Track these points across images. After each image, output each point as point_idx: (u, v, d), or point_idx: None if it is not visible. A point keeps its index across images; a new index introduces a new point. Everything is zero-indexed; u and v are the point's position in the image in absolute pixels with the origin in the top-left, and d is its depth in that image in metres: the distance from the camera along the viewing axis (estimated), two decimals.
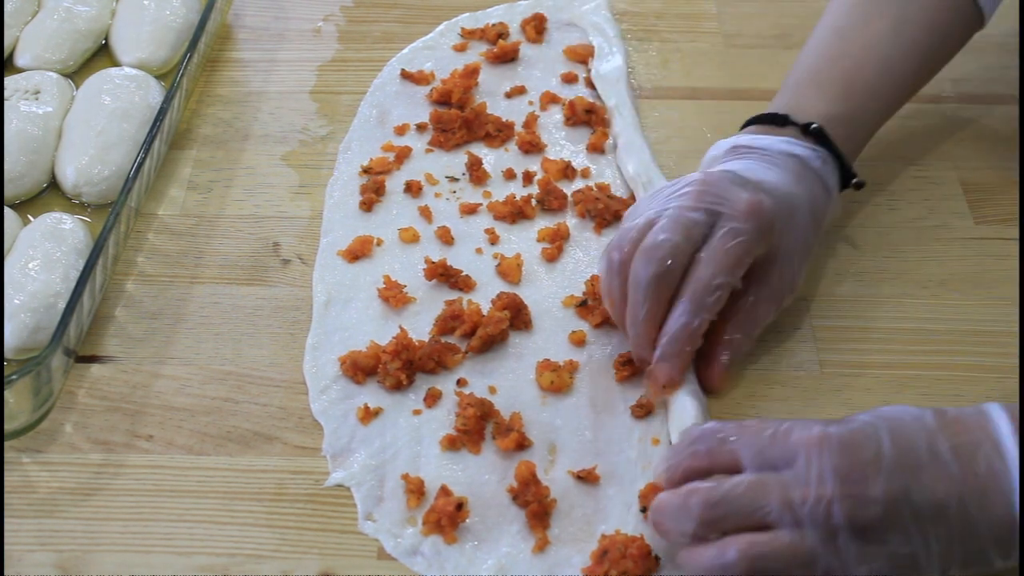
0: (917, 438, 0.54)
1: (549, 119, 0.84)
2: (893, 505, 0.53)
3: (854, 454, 0.54)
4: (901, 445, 0.54)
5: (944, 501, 0.53)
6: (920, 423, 0.55)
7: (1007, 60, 0.88)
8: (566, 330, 0.71)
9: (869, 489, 0.53)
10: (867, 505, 0.53)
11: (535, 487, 0.62)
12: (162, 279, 0.75)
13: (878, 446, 0.54)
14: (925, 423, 0.55)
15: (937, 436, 0.54)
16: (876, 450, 0.54)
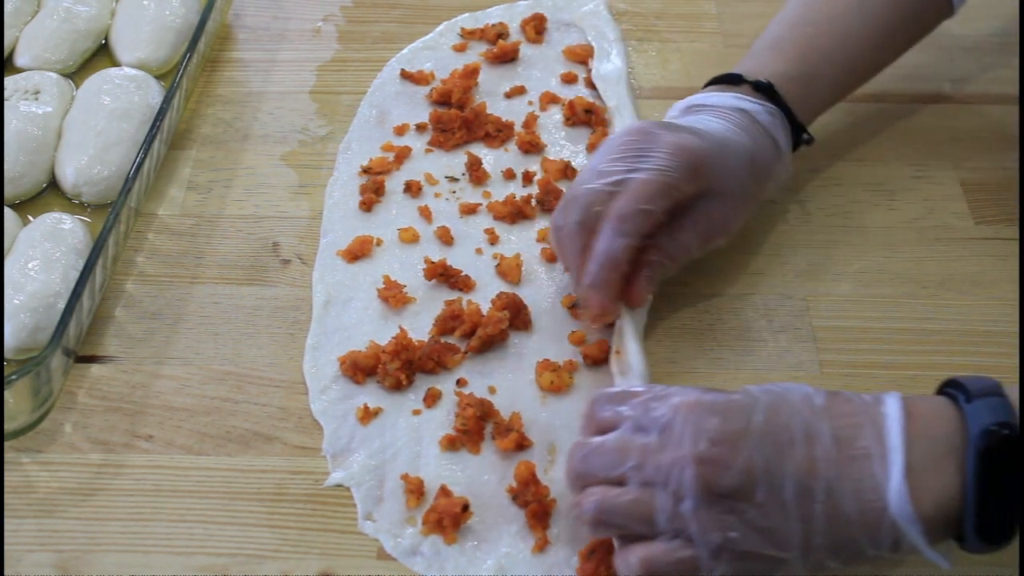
0: (796, 416, 0.54)
1: (549, 119, 0.84)
2: (750, 476, 0.52)
3: (724, 422, 0.54)
4: (776, 421, 0.54)
5: (808, 481, 0.52)
6: (807, 402, 0.55)
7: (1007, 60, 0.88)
8: (566, 330, 0.71)
9: (728, 457, 0.53)
10: (723, 472, 0.52)
11: (535, 487, 0.62)
12: (162, 279, 0.75)
13: (749, 417, 0.54)
14: (812, 403, 0.54)
15: (820, 417, 0.54)
16: (747, 421, 0.54)
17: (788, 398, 0.55)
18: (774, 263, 0.75)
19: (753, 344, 0.70)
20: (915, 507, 0.52)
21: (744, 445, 0.53)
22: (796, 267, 0.75)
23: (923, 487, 0.52)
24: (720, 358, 0.70)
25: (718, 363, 0.69)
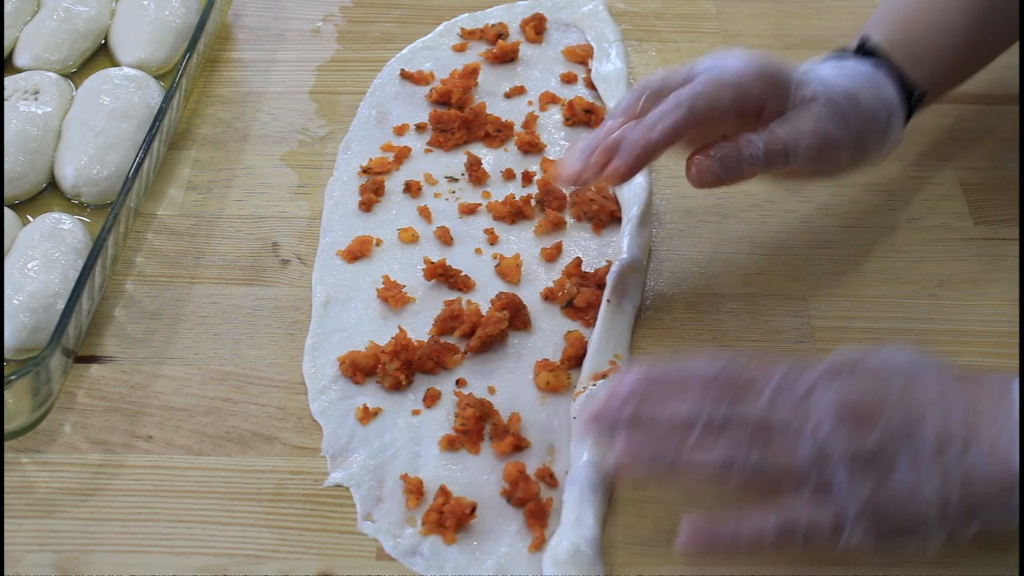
0: (933, 384, 0.56)
1: (549, 119, 0.84)
2: (891, 437, 0.54)
3: (865, 385, 0.55)
4: (914, 387, 0.55)
5: (944, 443, 0.53)
6: (943, 371, 0.57)
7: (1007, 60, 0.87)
8: (565, 330, 0.71)
9: (871, 418, 0.54)
10: (867, 433, 0.53)
11: (524, 484, 0.62)
12: (161, 279, 0.75)
13: (889, 382, 0.55)
14: (946, 372, 0.56)
15: (955, 385, 0.56)
16: (886, 386, 0.55)
17: (920, 368, 0.56)
18: (774, 263, 0.75)
19: (753, 345, 0.70)
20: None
21: (885, 408, 0.54)
22: (796, 267, 0.75)
23: None
24: None
25: None
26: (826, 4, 0.94)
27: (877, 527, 0.54)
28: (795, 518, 0.54)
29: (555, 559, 0.58)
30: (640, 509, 0.62)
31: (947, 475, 0.53)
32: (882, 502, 0.53)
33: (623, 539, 0.61)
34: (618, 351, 0.68)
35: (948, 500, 0.53)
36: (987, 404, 0.55)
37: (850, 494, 0.53)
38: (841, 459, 0.53)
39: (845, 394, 0.55)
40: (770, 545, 0.54)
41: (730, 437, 0.54)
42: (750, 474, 0.54)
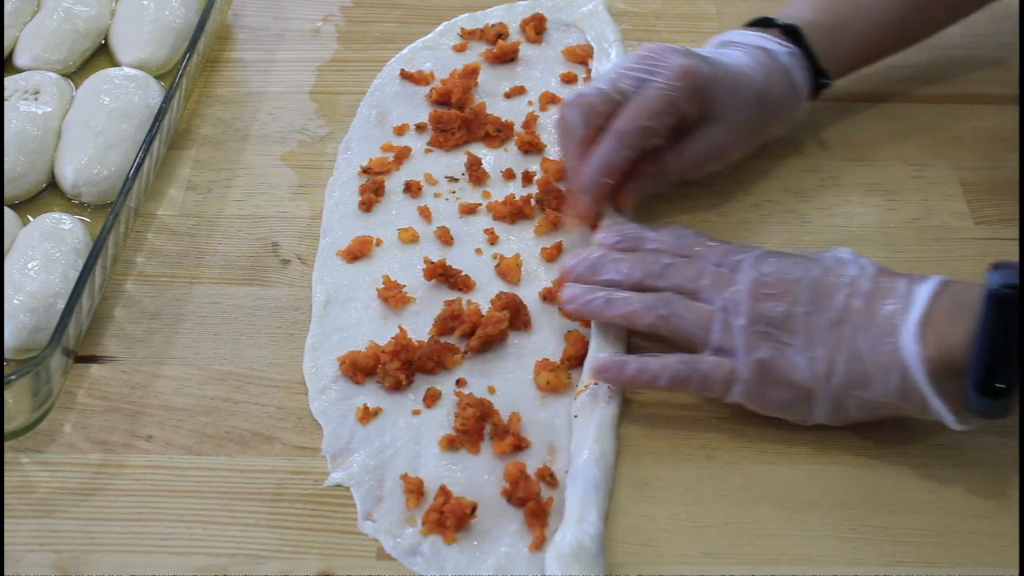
0: (846, 273, 0.63)
1: (549, 119, 0.84)
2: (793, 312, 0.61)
3: (784, 267, 0.63)
4: (828, 275, 0.63)
5: (840, 323, 0.61)
6: (859, 265, 0.63)
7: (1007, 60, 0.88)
8: (565, 330, 0.71)
9: (780, 294, 0.62)
10: (773, 304, 0.62)
11: (525, 483, 0.62)
12: (161, 279, 0.75)
13: (808, 268, 0.63)
14: (863, 265, 0.63)
15: (867, 276, 0.62)
16: (805, 271, 0.63)
17: (845, 260, 0.64)
18: None
19: None
20: (923, 349, 0.58)
21: (796, 288, 0.62)
22: None
23: (934, 333, 0.58)
24: None
25: None
26: None
27: (763, 389, 0.62)
28: (692, 368, 0.62)
29: (559, 553, 0.58)
30: (640, 509, 0.62)
31: (837, 349, 0.60)
32: (773, 367, 0.61)
33: (623, 539, 0.61)
34: (618, 349, 0.68)
35: (834, 371, 0.60)
36: (890, 295, 0.61)
37: (745, 357, 0.61)
38: (744, 327, 0.62)
39: (766, 272, 0.63)
40: (664, 386, 0.63)
41: (655, 294, 0.64)
42: (664, 324, 0.64)
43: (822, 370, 0.61)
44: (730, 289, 0.63)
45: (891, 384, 0.59)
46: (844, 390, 0.61)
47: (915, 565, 0.60)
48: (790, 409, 0.63)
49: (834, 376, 0.61)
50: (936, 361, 0.58)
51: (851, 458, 0.65)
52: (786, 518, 0.62)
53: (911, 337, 0.59)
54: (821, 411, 0.62)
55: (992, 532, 0.61)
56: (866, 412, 0.62)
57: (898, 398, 0.60)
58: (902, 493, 0.63)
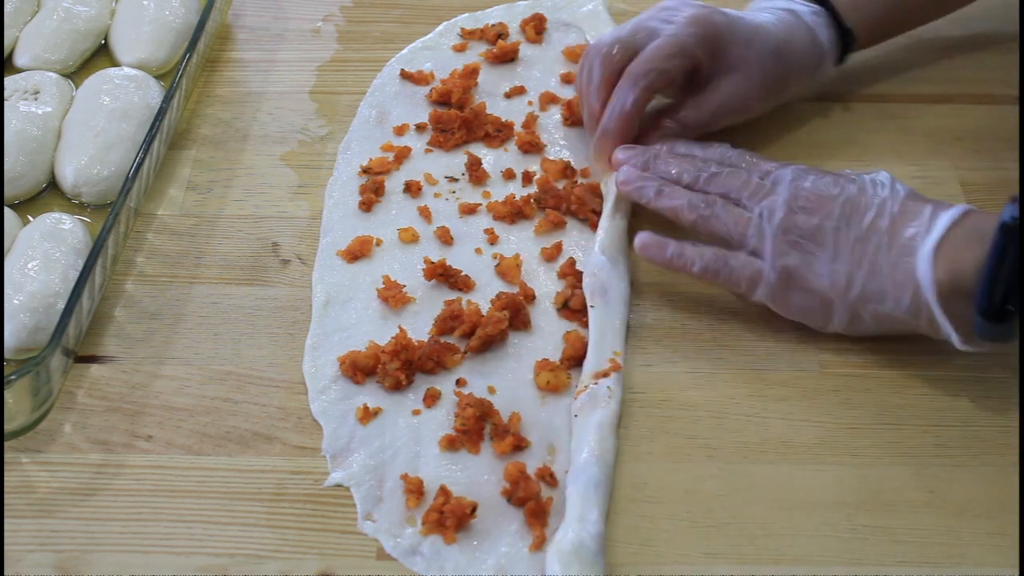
0: (879, 195, 0.66)
1: (549, 119, 0.84)
2: (823, 226, 0.65)
3: (821, 184, 0.67)
4: (862, 195, 0.66)
5: (864, 241, 0.64)
6: (893, 188, 0.66)
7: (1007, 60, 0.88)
8: (564, 330, 0.71)
9: (813, 208, 0.66)
10: (805, 217, 0.66)
11: (525, 483, 0.62)
12: (161, 279, 0.75)
13: (844, 188, 0.66)
14: (896, 188, 0.66)
15: (897, 200, 0.65)
16: (841, 190, 0.66)
17: (881, 182, 0.67)
18: None
19: (753, 344, 0.70)
20: (935, 271, 0.61)
21: (830, 204, 0.66)
22: None
23: (947, 258, 0.61)
24: (720, 358, 0.70)
25: (718, 363, 0.69)
26: None
27: (786, 292, 0.67)
28: (723, 263, 0.67)
29: (559, 551, 0.58)
30: (640, 509, 0.62)
31: (859, 264, 0.64)
32: (798, 274, 0.66)
33: (623, 539, 0.61)
34: (616, 348, 0.68)
35: (852, 283, 0.64)
36: (914, 218, 0.64)
37: (773, 261, 0.66)
38: (776, 234, 0.66)
39: (804, 187, 0.67)
40: (696, 273, 0.68)
41: (702, 195, 0.69)
42: (705, 223, 0.68)
43: (842, 282, 0.65)
44: (768, 199, 0.67)
45: (904, 301, 0.63)
46: (861, 303, 0.65)
47: (915, 565, 0.60)
48: (809, 315, 0.68)
49: (853, 288, 0.64)
50: (945, 283, 0.61)
51: (851, 458, 0.65)
52: (786, 518, 0.62)
53: (926, 259, 0.62)
54: (839, 320, 0.67)
55: (992, 532, 0.61)
56: (881, 326, 0.66)
57: (909, 315, 0.64)
58: (902, 493, 0.63)
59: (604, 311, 0.70)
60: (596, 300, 0.70)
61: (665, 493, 0.63)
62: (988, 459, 0.64)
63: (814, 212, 0.66)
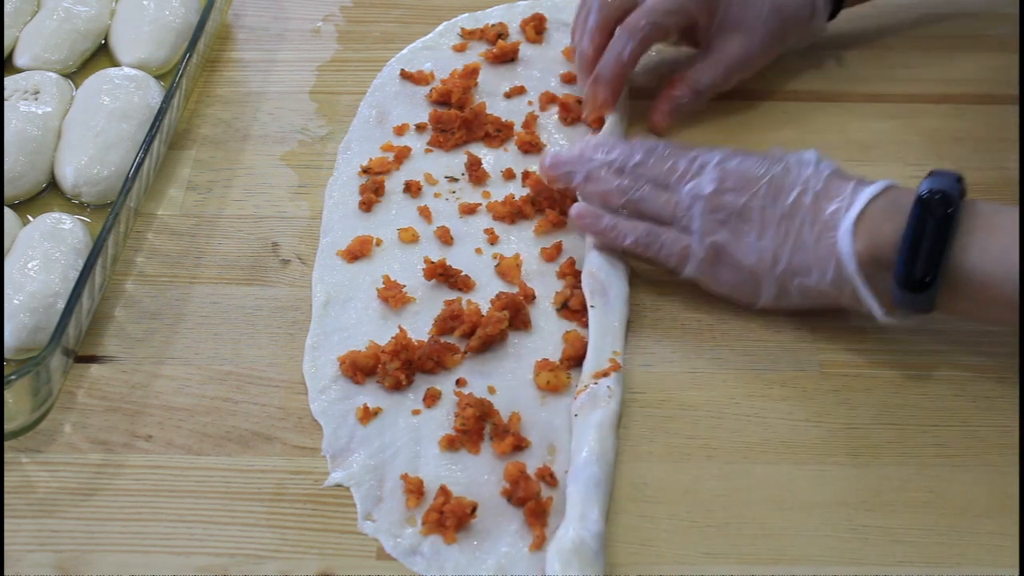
0: (803, 173, 0.67)
1: (548, 119, 0.84)
2: (750, 205, 0.67)
3: (747, 165, 0.69)
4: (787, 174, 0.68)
5: (790, 218, 0.66)
6: (817, 166, 0.68)
7: (1007, 60, 0.88)
8: (564, 330, 0.71)
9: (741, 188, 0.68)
10: (732, 196, 0.68)
11: (525, 483, 0.62)
12: (161, 279, 0.75)
13: (770, 167, 0.68)
14: (820, 167, 0.68)
15: (820, 177, 0.67)
16: (767, 169, 0.68)
17: (806, 161, 0.68)
18: None
19: (753, 344, 0.70)
20: (855, 244, 0.64)
21: (756, 184, 0.67)
22: None
23: (867, 231, 0.64)
24: (720, 358, 0.70)
25: (718, 363, 0.69)
26: None
27: (714, 269, 0.69)
28: (655, 237, 0.70)
29: (560, 550, 0.58)
30: (640, 509, 0.62)
31: (785, 240, 0.66)
32: (725, 250, 0.68)
33: (623, 539, 0.61)
34: (615, 348, 0.68)
35: (779, 258, 0.67)
36: (837, 195, 0.66)
37: (703, 238, 0.68)
38: (704, 212, 0.68)
39: (730, 169, 0.68)
40: (629, 246, 0.71)
41: (632, 179, 0.71)
42: (633, 206, 0.71)
43: (769, 257, 0.67)
44: (695, 180, 0.69)
45: (828, 274, 0.65)
46: (788, 277, 0.67)
47: (915, 565, 0.60)
48: (738, 290, 0.70)
49: (779, 263, 0.67)
50: (866, 255, 0.64)
51: (851, 458, 0.65)
52: (786, 518, 0.62)
53: (846, 232, 0.64)
54: (767, 295, 0.69)
55: (992, 532, 0.61)
56: (807, 299, 0.68)
57: (834, 287, 0.66)
58: (902, 493, 0.63)
59: (604, 311, 0.70)
60: (596, 300, 0.70)
61: (665, 493, 0.63)
62: (988, 459, 0.65)
63: (741, 191, 0.67)
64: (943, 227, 0.61)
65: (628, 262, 0.73)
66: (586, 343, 0.69)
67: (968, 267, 0.61)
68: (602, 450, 0.63)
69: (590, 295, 0.71)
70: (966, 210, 0.62)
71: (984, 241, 0.62)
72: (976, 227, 0.62)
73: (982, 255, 0.61)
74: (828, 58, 0.87)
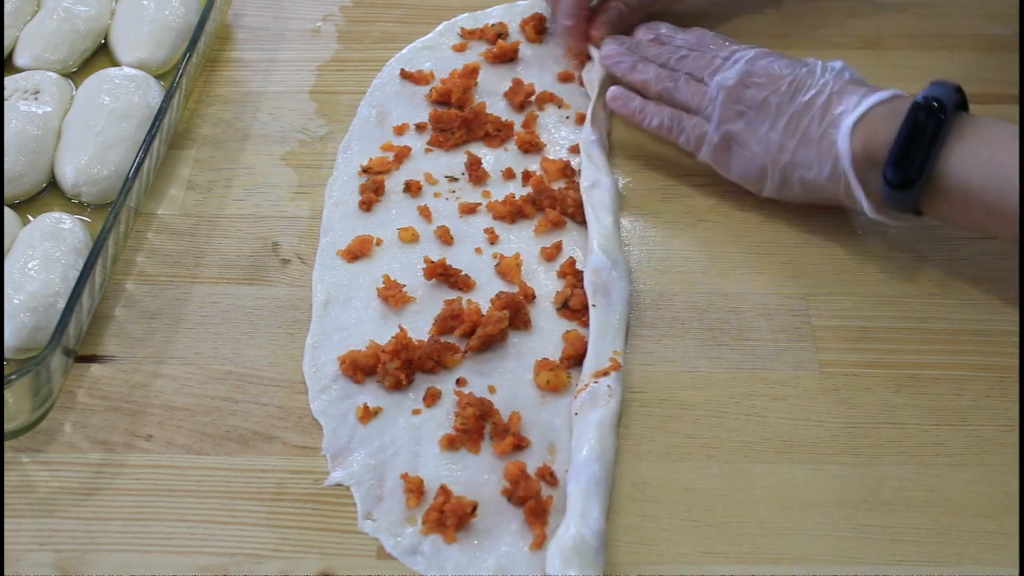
0: (824, 76, 0.73)
1: (548, 119, 0.84)
2: (767, 101, 0.73)
3: (774, 65, 0.74)
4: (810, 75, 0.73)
5: (800, 115, 0.71)
6: (841, 71, 0.73)
7: (1007, 60, 0.88)
8: (564, 330, 0.71)
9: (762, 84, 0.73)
10: (752, 92, 0.73)
11: (525, 483, 0.62)
12: (162, 279, 0.75)
13: (795, 68, 0.73)
14: (842, 72, 0.73)
15: (838, 81, 0.72)
16: (792, 70, 0.73)
17: (831, 68, 0.73)
18: (774, 262, 0.75)
19: (753, 344, 0.70)
20: (852, 142, 0.69)
21: (779, 82, 0.73)
22: (796, 267, 0.75)
23: (865, 131, 0.69)
24: (720, 358, 0.70)
25: (718, 363, 0.69)
26: (825, 3, 0.94)
27: (727, 154, 0.75)
28: (677, 122, 0.77)
29: (560, 547, 0.58)
30: (640, 508, 0.63)
31: (792, 134, 0.72)
32: (737, 138, 0.74)
33: (623, 539, 0.61)
34: (616, 347, 0.68)
35: (784, 150, 0.72)
36: (847, 98, 0.70)
37: (719, 125, 0.74)
38: (724, 103, 0.74)
39: (758, 66, 0.74)
40: (654, 128, 0.78)
41: (671, 71, 0.78)
42: (668, 94, 0.77)
43: (775, 148, 0.72)
44: (723, 73, 0.75)
45: (826, 169, 0.71)
46: (791, 169, 0.72)
47: (915, 564, 0.60)
48: (746, 178, 0.76)
49: (784, 154, 0.72)
50: (860, 153, 0.69)
51: (851, 458, 0.65)
52: (786, 518, 0.62)
53: (846, 131, 0.69)
54: (771, 184, 0.74)
55: (992, 532, 0.61)
56: (807, 192, 0.73)
57: (830, 182, 0.71)
58: (902, 493, 0.63)
59: (605, 310, 0.70)
60: (598, 299, 0.70)
61: (665, 492, 0.63)
62: (988, 459, 0.65)
63: (764, 87, 0.73)
64: (933, 132, 0.65)
65: (629, 262, 0.74)
66: (586, 342, 0.69)
67: (952, 172, 0.65)
68: (602, 449, 0.63)
69: (592, 294, 0.71)
70: (960, 120, 0.66)
71: (970, 149, 0.65)
72: (965, 135, 0.66)
73: (966, 162, 0.65)
74: (828, 57, 0.87)
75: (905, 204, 0.68)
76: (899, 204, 0.68)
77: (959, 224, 0.69)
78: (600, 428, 0.64)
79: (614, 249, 0.73)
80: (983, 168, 0.65)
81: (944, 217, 0.68)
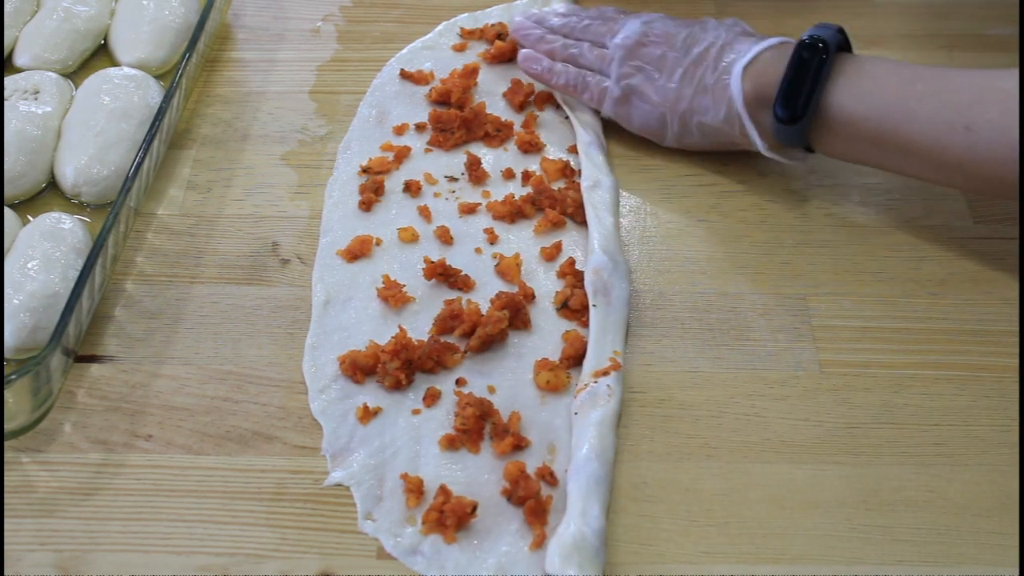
0: (716, 31, 0.77)
1: (548, 119, 0.84)
2: (664, 56, 0.78)
3: (668, 25, 0.79)
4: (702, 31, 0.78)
5: (695, 66, 0.76)
6: (732, 26, 0.78)
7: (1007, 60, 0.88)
8: (564, 330, 0.71)
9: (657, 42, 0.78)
10: (648, 48, 0.78)
11: (525, 482, 0.62)
12: (161, 279, 0.75)
13: (691, 27, 0.78)
14: (733, 26, 0.78)
15: (729, 32, 0.77)
16: (687, 28, 0.78)
17: (724, 24, 0.78)
18: (774, 263, 0.75)
19: (753, 344, 0.70)
20: (743, 84, 0.73)
21: (674, 39, 0.78)
22: (796, 267, 0.75)
23: (755, 73, 0.73)
24: (720, 358, 0.70)
25: (718, 363, 0.69)
26: (824, 3, 0.94)
27: (628, 107, 0.79)
28: (582, 79, 0.81)
29: (561, 544, 0.58)
30: (640, 508, 0.63)
31: (689, 83, 0.76)
32: (637, 90, 0.79)
33: (623, 538, 0.61)
34: (616, 347, 0.68)
35: (682, 98, 0.76)
36: (738, 47, 0.75)
37: (619, 81, 0.79)
38: (623, 59, 0.79)
39: (654, 27, 0.79)
40: (560, 86, 0.83)
41: (575, 40, 0.83)
42: (573, 60, 0.82)
43: (673, 97, 0.77)
44: (622, 35, 0.79)
45: (721, 112, 0.75)
46: (689, 115, 0.77)
47: (915, 564, 0.60)
48: (647, 128, 0.80)
49: (681, 102, 0.76)
50: (751, 94, 0.73)
51: (851, 458, 0.65)
52: (786, 518, 0.62)
53: (737, 75, 0.73)
54: (672, 132, 0.79)
55: (992, 532, 0.61)
56: (705, 137, 0.78)
57: (725, 124, 0.75)
58: (902, 493, 0.63)
59: (605, 310, 0.70)
60: (598, 299, 0.70)
61: (665, 492, 0.63)
62: (988, 459, 0.65)
63: (660, 44, 0.78)
64: (817, 68, 0.70)
65: (629, 261, 0.74)
66: (586, 343, 0.69)
67: (836, 105, 0.70)
68: (602, 447, 0.63)
69: (592, 294, 0.71)
70: (842, 58, 0.71)
71: (852, 84, 0.70)
72: (847, 71, 0.70)
73: (849, 95, 0.70)
74: None
75: (795, 139, 0.72)
76: (790, 140, 0.72)
77: (850, 159, 0.73)
78: (600, 427, 0.64)
79: (615, 249, 0.73)
80: (865, 100, 0.69)
81: (834, 152, 0.73)
